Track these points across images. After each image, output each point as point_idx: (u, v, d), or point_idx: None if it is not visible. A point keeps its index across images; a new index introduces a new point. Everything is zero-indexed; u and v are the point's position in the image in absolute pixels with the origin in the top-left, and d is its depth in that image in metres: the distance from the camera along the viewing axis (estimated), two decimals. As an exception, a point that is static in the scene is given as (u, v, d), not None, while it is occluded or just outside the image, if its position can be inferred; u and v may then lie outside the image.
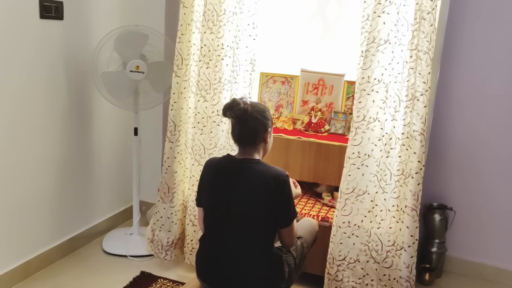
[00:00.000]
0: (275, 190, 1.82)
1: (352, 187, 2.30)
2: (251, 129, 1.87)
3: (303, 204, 2.77)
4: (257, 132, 1.89)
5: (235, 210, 1.87)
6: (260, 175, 1.85)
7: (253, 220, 1.85)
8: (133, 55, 2.69)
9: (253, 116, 1.85)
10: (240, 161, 1.91)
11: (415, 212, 2.21)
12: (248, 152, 1.92)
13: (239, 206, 1.86)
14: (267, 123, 1.91)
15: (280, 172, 1.87)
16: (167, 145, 2.61)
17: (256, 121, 1.87)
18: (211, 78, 2.53)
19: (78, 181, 2.95)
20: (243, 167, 1.88)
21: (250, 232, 1.86)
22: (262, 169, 1.87)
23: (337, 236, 2.36)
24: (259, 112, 1.88)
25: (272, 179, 1.82)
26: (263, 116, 1.89)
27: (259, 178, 1.84)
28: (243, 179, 1.87)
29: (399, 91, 2.21)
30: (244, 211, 1.86)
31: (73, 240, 2.95)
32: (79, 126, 2.89)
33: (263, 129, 1.90)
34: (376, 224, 2.33)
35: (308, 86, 3.01)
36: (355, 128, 2.26)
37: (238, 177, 1.88)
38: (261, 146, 1.95)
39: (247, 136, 1.90)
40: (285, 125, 2.98)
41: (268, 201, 1.83)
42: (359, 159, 2.28)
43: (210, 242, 1.95)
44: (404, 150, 2.23)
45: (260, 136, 1.90)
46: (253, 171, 1.86)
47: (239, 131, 1.90)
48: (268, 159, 2.76)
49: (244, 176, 1.87)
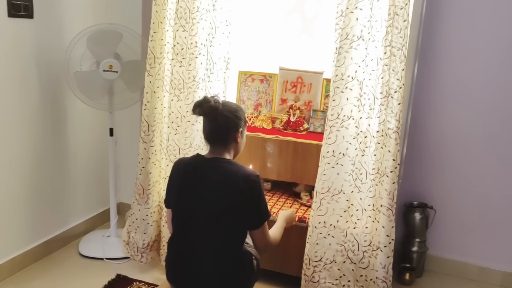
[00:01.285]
0: (244, 190, 1.77)
1: (327, 186, 2.26)
2: (221, 128, 1.84)
3: (280, 204, 2.72)
4: (228, 131, 1.85)
5: (203, 210, 1.82)
6: (229, 174, 1.81)
7: (221, 221, 1.81)
8: (106, 54, 2.64)
9: (224, 114, 1.82)
10: (210, 160, 1.87)
11: (391, 211, 2.17)
12: (218, 151, 1.88)
13: (207, 206, 1.82)
14: (239, 123, 1.88)
15: (250, 172, 1.82)
16: (141, 145, 2.56)
17: (226, 119, 1.83)
18: (184, 77, 2.48)
19: (53, 183, 2.89)
20: (212, 166, 1.84)
21: (218, 232, 1.82)
22: (232, 168, 1.83)
23: (313, 236, 2.32)
24: (230, 111, 1.85)
25: (242, 179, 1.78)
26: (234, 115, 1.85)
27: (228, 178, 1.80)
28: (211, 179, 1.82)
29: (374, 89, 2.17)
30: (211, 212, 1.82)
31: (48, 243, 2.89)
32: (54, 126, 2.83)
33: (234, 128, 1.86)
34: (352, 224, 2.30)
35: (286, 84, 2.96)
36: (330, 126, 2.22)
37: (207, 176, 1.83)
38: (232, 146, 1.91)
39: (217, 135, 1.86)
40: (264, 124, 2.93)
41: (236, 202, 1.79)
42: (334, 158, 2.24)
43: (178, 243, 1.90)
44: (379, 148, 2.19)
45: (230, 136, 1.87)
46: (222, 170, 1.82)
47: (209, 129, 1.86)
48: (245, 158, 2.74)
49: (212, 175, 1.82)
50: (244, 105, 3.06)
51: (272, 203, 2.74)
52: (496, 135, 2.71)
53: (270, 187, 2.96)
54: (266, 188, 2.95)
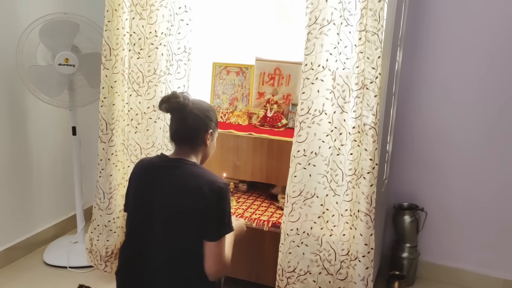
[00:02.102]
0: (208, 197, 1.57)
1: (299, 189, 2.03)
2: (189, 127, 1.66)
3: (255, 208, 2.49)
4: (196, 131, 1.67)
5: (160, 215, 1.62)
6: (193, 178, 1.61)
7: (181, 229, 1.60)
8: (62, 46, 2.42)
9: (193, 113, 1.65)
10: (173, 160, 1.67)
11: (369, 217, 1.93)
12: (184, 152, 1.68)
13: (164, 210, 1.61)
14: (209, 124, 1.69)
15: (216, 179, 1.62)
16: (100, 145, 2.34)
17: (196, 119, 1.65)
18: (144, 69, 2.26)
19: (14, 186, 2.69)
20: (175, 167, 1.64)
21: (174, 244, 1.61)
22: (197, 172, 1.63)
23: (286, 244, 2.09)
24: (201, 110, 1.67)
25: (206, 185, 1.58)
26: (205, 115, 1.68)
27: (192, 182, 1.60)
28: (172, 181, 1.62)
29: (348, 79, 1.93)
30: (169, 217, 1.61)
31: (10, 251, 2.69)
32: (11, 126, 2.63)
33: (204, 129, 1.68)
34: (328, 231, 2.06)
35: (263, 76, 2.72)
36: (300, 122, 1.98)
37: (168, 178, 1.63)
38: (200, 149, 1.71)
39: (184, 135, 1.68)
40: (240, 120, 2.70)
41: (197, 209, 1.58)
42: (305, 158, 2.00)
43: (131, 252, 1.70)
44: (355, 146, 1.94)
45: (199, 137, 1.68)
46: (186, 173, 1.63)
47: (175, 129, 1.68)
48: (217, 157, 2.51)
49: (174, 177, 1.63)
50: (219, 100, 2.83)
51: (246, 206, 2.51)
52: (492, 128, 2.44)
53: (245, 189, 2.73)
54: (241, 190, 2.73)
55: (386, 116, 2.20)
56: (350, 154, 1.96)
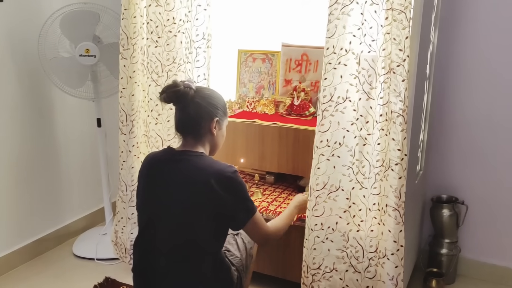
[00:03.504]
0: (216, 189, 1.49)
1: (323, 182, 1.90)
2: (191, 117, 1.60)
3: (281, 200, 2.38)
4: (199, 121, 1.60)
5: (169, 211, 1.56)
6: (200, 170, 1.54)
7: (191, 224, 1.54)
8: (83, 37, 2.39)
9: (195, 101, 1.58)
10: (179, 153, 1.61)
11: (398, 212, 1.78)
12: (190, 143, 1.62)
13: (173, 207, 1.55)
14: (214, 112, 1.62)
15: (223, 168, 1.54)
16: (120, 137, 2.30)
17: (197, 107, 1.59)
18: (162, 58, 2.18)
19: (44, 179, 2.71)
20: (181, 160, 1.58)
21: (187, 238, 1.54)
22: (204, 163, 1.56)
23: (310, 240, 1.97)
24: (203, 98, 1.61)
25: (213, 176, 1.51)
26: (208, 103, 1.61)
27: (198, 174, 1.53)
28: (179, 175, 1.56)
29: (375, 63, 1.77)
30: (177, 213, 1.55)
31: (40, 242, 2.72)
32: (38, 119, 2.63)
33: (207, 118, 1.61)
34: (355, 226, 1.92)
35: (290, 62, 2.59)
36: (322, 111, 1.84)
37: (175, 172, 1.57)
38: (207, 139, 1.65)
39: (187, 125, 1.62)
40: (266, 109, 2.60)
41: (207, 201, 1.51)
42: (328, 149, 1.86)
43: (143, 250, 1.64)
44: (383, 136, 1.79)
45: (203, 126, 1.61)
46: (192, 165, 1.55)
47: (178, 118, 1.63)
48: (242, 148, 2.41)
49: (181, 171, 1.56)
50: (245, 89, 2.73)
51: (272, 198, 2.40)
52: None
53: (273, 181, 2.62)
54: (268, 182, 2.62)
55: (417, 102, 2.02)
56: (378, 144, 1.81)
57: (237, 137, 2.47)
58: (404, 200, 1.77)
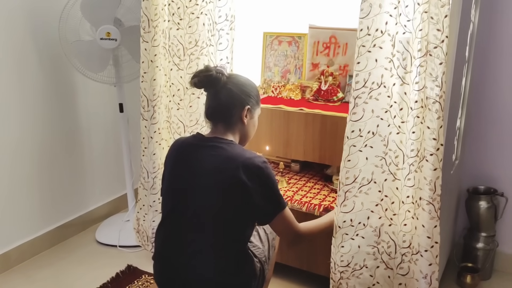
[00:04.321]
0: (243, 178, 1.42)
1: (353, 175, 1.78)
2: (223, 103, 1.54)
3: (306, 190, 2.28)
4: (230, 108, 1.54)
5: (194, 199, 1.49)
6: (228, 158, 1.47)
7: (214, 214, 1.47)
8: (104, 19, 2.31)
9: (227, 88, 1.52)
10: (208, 139, 1.54)
11: (432, 206, 1.65)
12: (220, 131, 1.56)
13: (199, 194, 1.48)
14: (246, 100, 1.56)
15: (253, 157, 1.47)
16: (142, 123, 2.23)
17: (230, 94, 1.53)
18: (184, 41, 2.09)
19: (66, 165, 2.68)
20: (209, 147, 1.50)
21: (212, 227, 1.48)
22: (233, 151, 1.48)
23: (337, 238, 1.85)
24: (236, 85, 1.54)
25: (241, 165, 1.43)
26: (240, 90, 1.55)
27: (227, 161, 1.46)
28: (208, 161, 1.48)
29: (410, 45, 1.64)
30: (203, 202, 1.48)
31: (64, 228, 2.70)
32: (60, 104, 2.59)
33: (239, 105, 1.55)
34: (387, 220, 1.81)
35: (318, 45, 2.47)
36: (354, 98, 1.72)
37: (203, 158, 1.50)
38: (237, 128, 1.58)
39: (218, 112, 1.56)
40: (292, 94, 2.49)
41: (234, 191, 1.44)
42: (361, 139, 1.74)
43: (164, 237, 1.58)
44: (418, 124, 1.66)
45: (234, 114, 1.55)
46: (221, 152, 1.48)
47: (209, 104, 1.57)
48: (267, 135, 2.32)
49: (208, 157, 1.49)
50: (270, 73, 2.62)
51: (297, 188, 2.31)
52: None
53: (298, 169, 2.52)
54: (294, 170, 2.52)
55: (455, 87, 1.88)
56: (413, 132, 1.69)
57: (261, 124, 2.35)
58: (439, 194, 1.65)
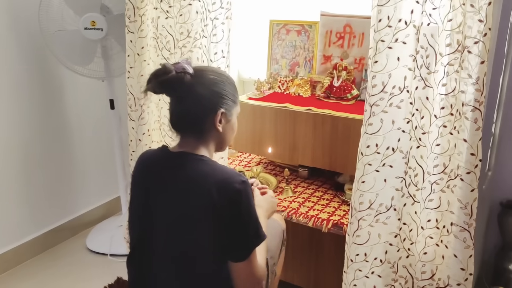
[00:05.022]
0: (219, 204, 1.15)
1: (369, 200, 1.48)
2: (190, 111, 1.24)
3: (314, 200, 2.02)
4: (199, 116, 1.25)
5: (162, 228, 1.24)
6: (199, 178, 1.19)
7: (189, 246, 1.22)
8: (89, 6, 2.07)
9: (194, 91, 1.21)
10: (175, 156, 1.26)
11: (468, 233, 1.37)
12: (189, 143, 1.27)
13: (164, 227, 1.24)
14: (219, 102, 1.25)
15: (229, 177, 1.18)
16: (129, 124, 1.98)
17: (197, 98, 1.22)
18: (174, 31, 1.83)
19: (56, 165, 2.47)
20: (176, 166, 1.24)
21: (184, 259, 1.23)
22: (204, 169, 1.21)
23: (350, 274, 1.56)
24: (204, 85, 1.23)
25: (215, 185, 1.16)
26: (211, 92, 1.24)
27: (197, 183, 1.19)
28: (173, 183, 1.22)
29: (435, 39, 1.34)
30: (171, 236, 1.23)
31: (52, 234, 2.50)
32: (48, 101, 2.37)
33: (211, 111, 1.25)
34: (404, 251, 1.52)
35: (330, 35, 2.18)
36: (370, 105, 1.41)
37: (168, 179, 1.23)
38: (211, 137, 1.28)
39: (185, 121, 1.26)
40: (301, 90, 2.22)
41: (206, 217, 1.17)
42: (378, 156, 1.44)
43: (134, 272, 1.36)
44: (445, 134, 1.37)
45: (205, 122, 1.25)
46: (189, 172, 1.21)
47: (173, 111, 1.27)
48: (271, 137, 2.06)
49: (175, 178, 1.23)
50: (277, 65, 2.34)
51: (304, 198, 2.04)
52: None
53: (306, 175, 2.25)
54: (301, 176, 2.26)
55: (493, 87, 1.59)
56: (437, 145, 1.40)
57: (265, 124, 2.11)
58: (475, 218, 1.37)
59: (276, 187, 2.14)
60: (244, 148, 2.29)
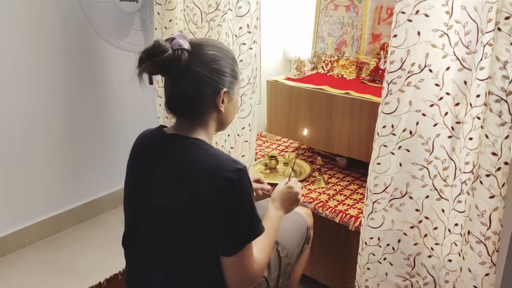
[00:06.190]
0: (206, 194, 1.06)
1: (384, 183, 1.34)
2: (187, 94, 1.11)
3: (347, 194, 1.86)
4: (199, 98, 1.12)
5: (149, 221, 1.18)
6: (189, 164, 1.10)
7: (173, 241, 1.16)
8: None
9: (192, 70, 1.09)
10: (167, 138, 1.16)
11: (484, 247, 1.15)
12: (184, 126, 1.16)
13: (152, 215, 1.17)
14: (220, 81, 1.13)
15: (221, 163, 1.08)
16: (157, 101, 1.94)
17: (196, 79, 1.10)
18: (202, 5, 1.74)
19: (95, 138, 2.52)
20: (168, 149, 1.14)
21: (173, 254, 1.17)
22: (196, 154, 1.11)
23: (363, 256, 1.45)
24: (204, 63, 1.10)
25: (205, 174, 1.07)
26: (211, 69, 1.11)
27: (185, 170, 1.10)
28: (164, 168, 1.14)
29: (478, 13, 1.12)
30: (158, 226, 1.17)
31: (91, 205, 2.56)
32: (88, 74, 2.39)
33: (212, 91, 1.13)
34: (427, 249, 1.35)
35: (381, 11, 1.98)
36: (388, 83, 1.25)
37: (159, 164, 1.15)
38: (212, 117, 1.17)
39: (182, 103, 1.14)
40: (345, 72, 2.05)
41: (194, 209, 1.08)
42: (393, 138, 1.29)
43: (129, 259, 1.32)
44: (478, 128, 1.16)
45: (205, 105, 1.14)
46: (180, 156, 1.12)
47: (169, 91, 1.14)
48: (307, 123, 1.92)
49: (166, 162, 1.14)
50: (323, 44, 2.18)
51: (336, 190, 1.89)
52: None
53: (344, 165, 2.09)
54: (339, 166, 2.09)
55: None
56: (469, 139, 1.18)
57: (300, 108, 1.98)
58: (498, 231, 1.14)
59: (309, 176, 2.00)
60: (279, 132, 2.17)
